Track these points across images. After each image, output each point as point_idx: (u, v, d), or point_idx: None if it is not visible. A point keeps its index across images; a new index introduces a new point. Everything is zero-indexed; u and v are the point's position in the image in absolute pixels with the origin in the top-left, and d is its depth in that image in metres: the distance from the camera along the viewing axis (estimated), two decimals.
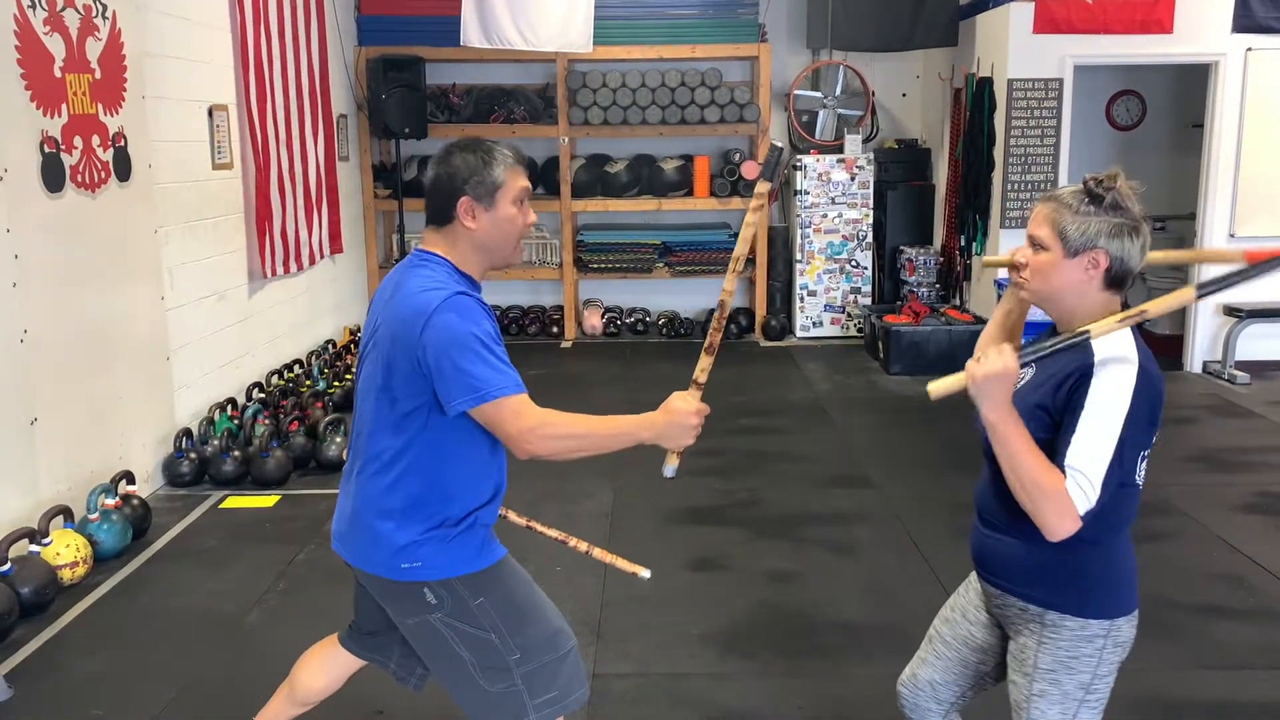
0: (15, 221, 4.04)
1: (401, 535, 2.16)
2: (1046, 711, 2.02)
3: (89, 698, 3.27)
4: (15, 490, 4.11)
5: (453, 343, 2.03)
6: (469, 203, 2.15)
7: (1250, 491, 5.05)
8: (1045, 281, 1.98)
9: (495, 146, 2.21)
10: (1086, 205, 1.94)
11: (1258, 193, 7.26)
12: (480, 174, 2.15)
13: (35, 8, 4.17)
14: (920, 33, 8.23)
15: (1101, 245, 1.93)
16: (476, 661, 2.22)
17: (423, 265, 2.18)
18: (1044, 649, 2.02)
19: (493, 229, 2.18)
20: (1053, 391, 1.94)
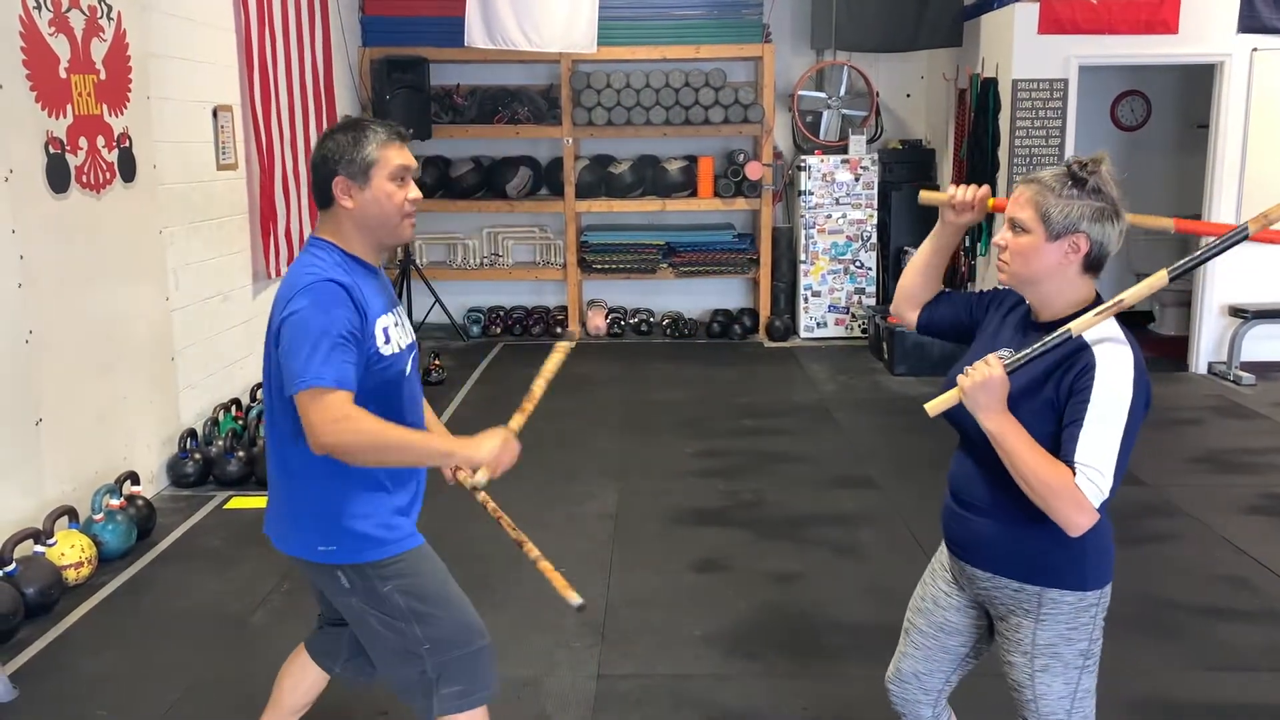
0: (20, 222, 4.04)
1: (311, 520, 2.22)
2: (1051, 685, 2.05)
3: (94, 698, 3.28)
4: (20, 491, 4.12)
5: (295, 331, 2.06)
6: (343, 182, 2.17)
7: (1255, 493, 5.04)
8: (1025, 264, 1.99)
9: (369, 124, 2.21)
10: (1069, 188, 1.95)
11: (1263, 193, 7.23)
12: (350, 153, 2.16)
13: (40, 9, 4.17)
14: (924, 33, 8.23)
15: (1083, 229, 1.94)
16: (393, 647, 2.29)
17: (308, 252, 2.22)
18: (1043, 625, 2.04)
19: (370, 206, 2.18)
20: (1050, 381, 1.95)
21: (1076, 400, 1.90)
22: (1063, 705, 2.06)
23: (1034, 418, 1.94)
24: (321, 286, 2.10)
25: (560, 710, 3.20)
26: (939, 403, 1.98)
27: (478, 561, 4.30)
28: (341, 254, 2.21)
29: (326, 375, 2.03)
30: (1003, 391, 1.91)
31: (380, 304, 2.24)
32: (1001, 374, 1.91)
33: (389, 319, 2.26)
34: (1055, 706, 2.06)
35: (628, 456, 5.65)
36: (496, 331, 8.88)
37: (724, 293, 9.17)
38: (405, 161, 2.21)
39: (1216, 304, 7.39)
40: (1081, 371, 1.91)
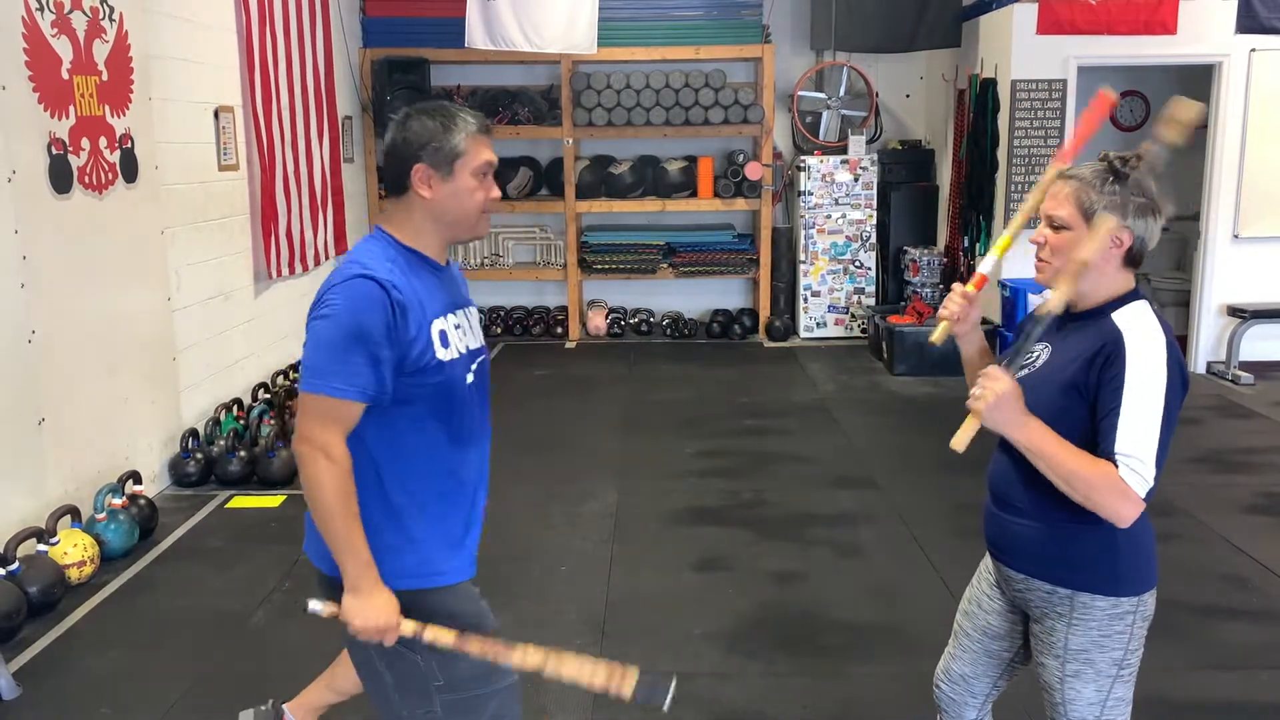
0: (23, 223, 4.06)
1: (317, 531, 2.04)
2: (1081, 691, 2.03)
3: (96, 696, 3.29)
4: (23, 490, 4.13)
5: (321, 326, 1.93)
6: (425, 170, 1.99)
7: (1254, 492, 5.06)
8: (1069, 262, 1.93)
9: (459, 112, 2.02)
10: (1110, 184, 1.92)
11: (1261, 193, 7.26)
12: (439, 140, 1.98)
13: (43, 10, 4.19)
14: (924, 34, 8.24)
15: (1127, 224, 1.91)
16: (394, 683, 2.09)
17: (365, 240, 2.07)
18: (1075, 630, 2.01)
19: (450, 200, 2.01)
20: (1085, 369, 1.91)
21: (1110, 389, 1.87)
22: (1092, 711, 2.04)
23: (1066, 406, 1.92)
24: (358, 284, 1.93)
25: (560, 708, 3.22)
26: (962, 436, 1.88)
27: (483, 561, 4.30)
28: (399, 248, 2.03)
29: (334, 383, 1.90)
30: (1017, 401, 1.88)
31: (439, 304, 2.05)
32: (1009, 384, 1.87)
33: (449, 321, 2.06)
34: (1084, 712, 2.04)
35: (628, 456, 5.67)
36: (497, 332, 8.89)
37: (724, 293, 9.19)
38: (491, 157, 2.05)
39: (1215, 304, 7.40)
40: (1111, 359, 1.88)
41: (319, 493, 1.92)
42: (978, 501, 2.18)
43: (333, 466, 1.91)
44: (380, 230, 2.08)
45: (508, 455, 5.70)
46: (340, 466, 1.92)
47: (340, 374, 1.90)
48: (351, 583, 1.95)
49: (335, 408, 1.92)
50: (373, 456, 2.01)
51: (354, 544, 1.95)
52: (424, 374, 1.99)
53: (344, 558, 1.95)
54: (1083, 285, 1.95)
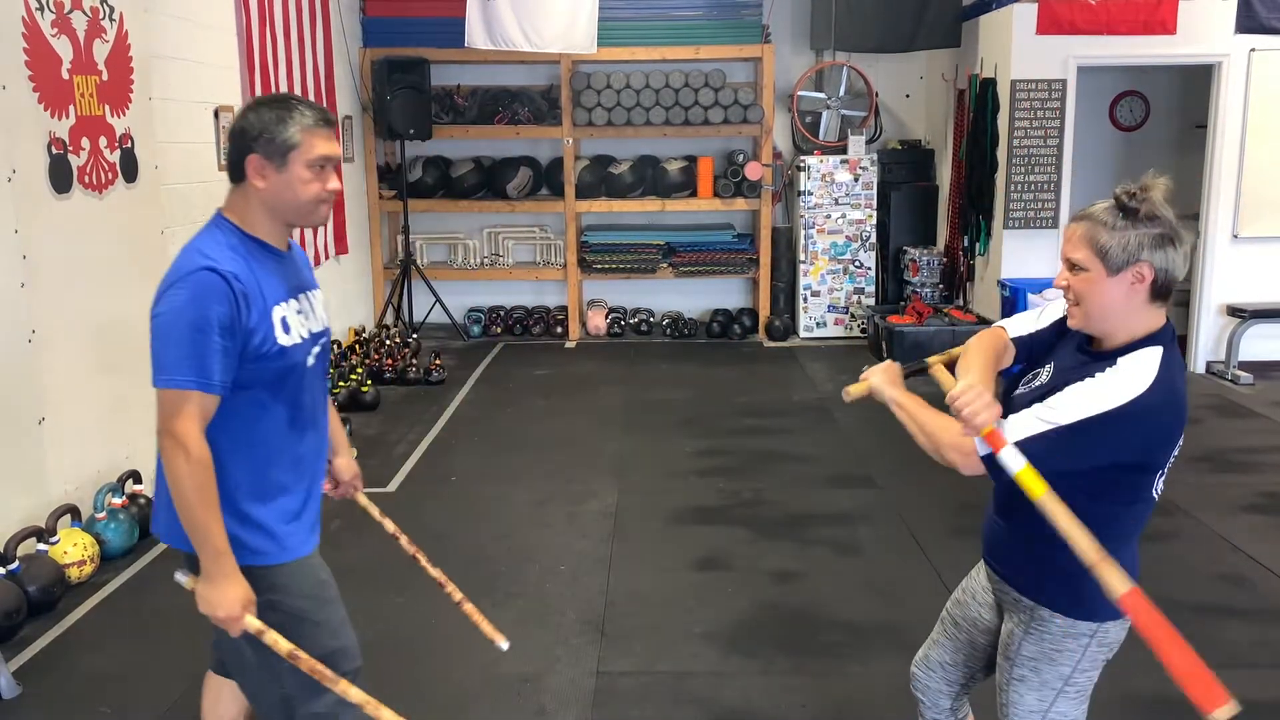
0: (23, 222, 4.06)
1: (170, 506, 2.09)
2: (1025, 696, 2.09)
3: (96, 695, 3.29)
4: (23, 489, 4.14)
5: (167, 320, 1.98)
6: (258, 161, 2.06)
7: (1253, 492, 5.06)
8: (1094, 302, 1.93)
9: (297, 105, 2.08)
10: (1121, 220, 1.89)
11: (1261, 193, 7.26)
12: (272, 132, 2.04)
13: (43, 10, 4.19)
14: (924, 34, 8.25)
15: (1145, 258, 1.88)
16: (255, 659, 2.15)
17: (209, 228, 2.12)
18: (1029, 638, 2.07)
19: (283, 191, 2.08)
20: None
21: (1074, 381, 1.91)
22: (1032, 718, 2.09)
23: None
24: (202, 276, 1.99)
25: (560, 707, 3.22)
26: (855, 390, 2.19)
27: (483, 561, 4.32)
28: (240, 235, 2.10)
29: (188, 376, 1.95)
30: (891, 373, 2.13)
31: (281, 291, 2.12)
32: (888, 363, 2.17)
33: (290, 307, 2.13)
34: (1025, 718, 2.10)
35: (628, 455, 5.67)
36: (497, 331, 8.89)
37: (724, 293, 9.19)
38: (328, 152, 2.09)
39: (1214, 304, 7.41)
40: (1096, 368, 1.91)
41: (177, 486, 1.98)
42: (976, 501, 2.20)
43: (191, 462, 1.97)
44: (222, 217, 2.14)
45: (507, 455, 5.72)
46: (199, 461, 1.98)
47: (193, 367, 1.96)
48: (206, 571, 2.02)
49: (191, 401, 1.97)
50: (213, 439, 2.04)
51: (211, 534, 2.00)
52: (265, 360, 2.06)
53: (200, 547, 2.01)
54: (1110, 327, 1.95)
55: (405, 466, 5.49)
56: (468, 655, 3.53)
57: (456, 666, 3.46)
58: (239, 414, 2.07)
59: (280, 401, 2.12)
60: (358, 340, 7.73)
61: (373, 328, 8.46)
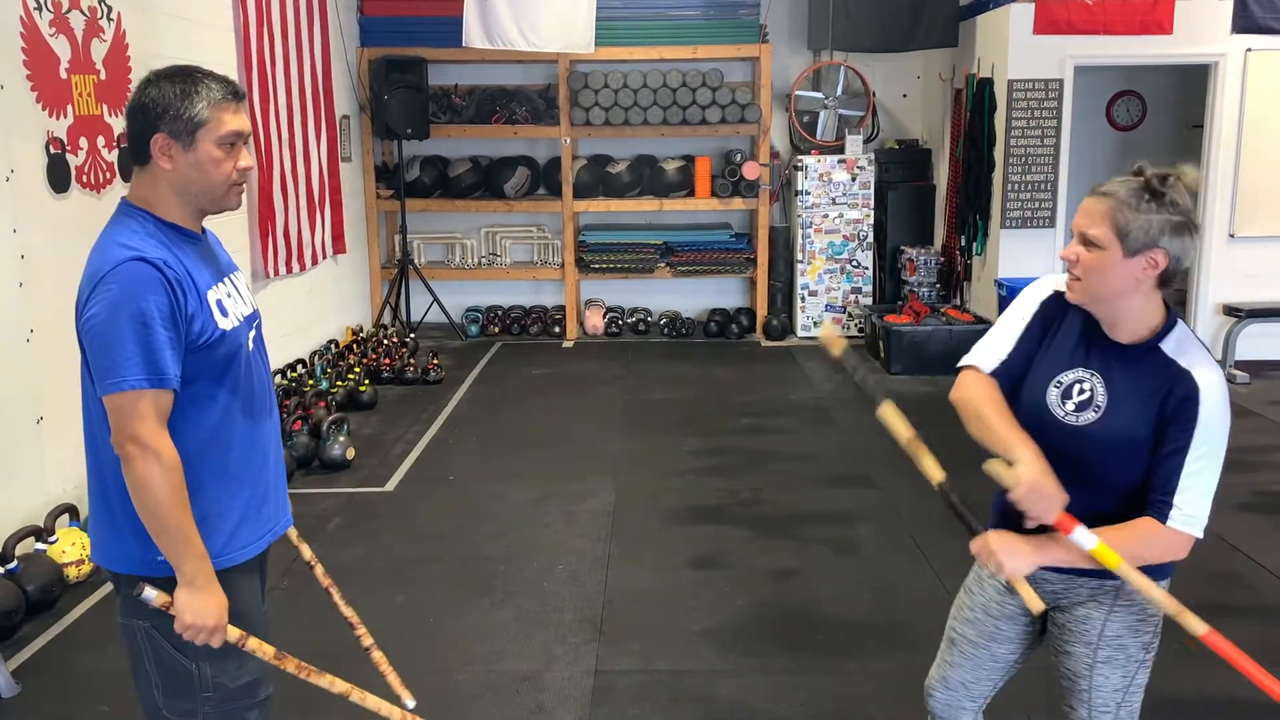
0: (21, 222, 4.06)
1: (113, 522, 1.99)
2: (1110, 677, 2.07)
3: (95, 694, 3.30)
4: (22, 488, 4.14)
5: (102, 320, 1.83)
6: (164, 140, 1.89)
7: (1249, 491, 5.08)
8: (1102, 282, 1.90)
9: (203, 78, 1.92)
10: (1147, 202, 1.86)
11: (1257, 193, 7.28)
12: (177, 107, 1.88)
13: (41, 9, 4.19)
14: (921, 33, 8.25)
15: (1162, 244, 1.86)
16: (162, 685, 2.03)
17: (119, 220, 1.95)
18: (1114, 617, 2.06)
19: (193, 171, 1.92)
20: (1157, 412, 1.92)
21: (1178, 428, 1.88)
22: (1115, 698, 2.08)
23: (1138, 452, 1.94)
24: (131, 268, 1.84)
25: (558, 705, 3.23)
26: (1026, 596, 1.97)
27: (481, 560, 4.33)
28: (157, 223, 1.94)
29: (142, 375, 1.83)
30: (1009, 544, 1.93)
31: (207, 275, 1.99)
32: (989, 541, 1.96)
33: (221, 290, 2.01)
34: (1108, 699, 2.08)
35: (626, 455, 5.68)
36: (494, 331, 8.89)
37: (721, 292, 9.20)
38: (239, 127, 1.94)
39: (1211, 303, 7.42)
40: (1184, 402, 1.88)
41: (150, 493, 1.85)
42: (974, 500, 2.20)
43: (165, 466, 1.85)
44: (130, 205, 1.97)
45: (505, 454, 5.72)
46: (171, 465, 1.86)
47: (142, 365, 1.83)
48: (188, 578, 1.90)
49: (147, 400, 1.84)
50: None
51: (191, 539, 1.90)
52: (208, 348, 1.94)
53: (180, 554, 1.89)
54: (1114, 310, 1.94)
55: (403, 466, 5.49)
56: (467, 654, 3.54)
57: (455, 666, 3.46)
58: (192, 410, 1.96)
59: (228, 391, 2.00)
60: (355, 340, 7.73)
61: (370, 327, 8.46)
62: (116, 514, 1.99)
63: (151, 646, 2.01)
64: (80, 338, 1.91)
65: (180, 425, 1.94)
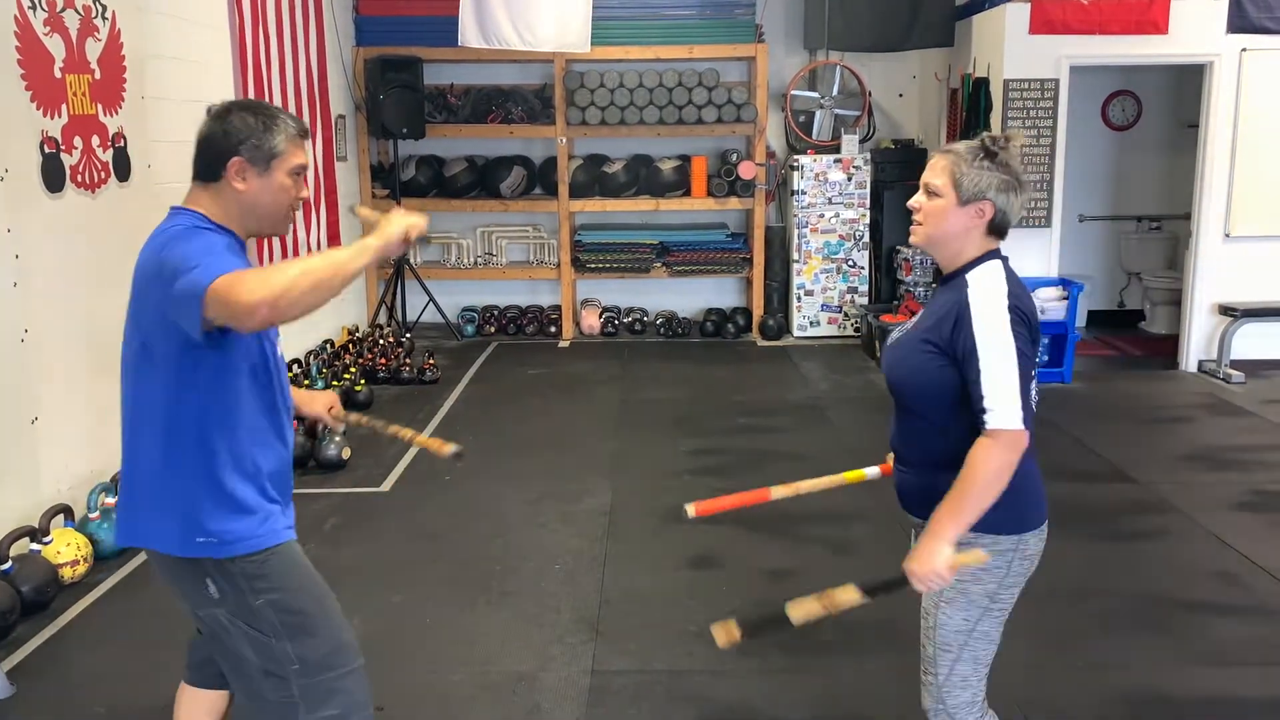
0: (16, 222, 4.05)
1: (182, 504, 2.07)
2: (952, 616, 2.21)
3: (91, 695, 3.29)
4: (16, 489, 4.13)
5: (176, 265, 1.94)
6: (241, 164, 2.09)
7: (1244, 489, 5.08)
8: (937, 225, 2.18)
9: (279, 114, 2.14)
10: (981, 160, 2.13)
11: (1252, 192, 7.29)
12: (259, 138, 2.09)
13: (35, 9, 4.18)
14: (917, 33, 8.26)
15: (990, 197, 2.13)
16: (259, 664, 2.14)
17: (169, 219, 2.12)
18: None
19: (263, 194, 2.12)
20: (937, 325, 2.15)
21: (963, 337, 2.08)
22: (958, 639, 2.20)
23: (924, 357, 2.15)
24: (196, 231, 2.04)
25: (555, 705, 3.22)
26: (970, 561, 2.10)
27: (478, 560, 4.32)
28: (212, 225, 2.11)
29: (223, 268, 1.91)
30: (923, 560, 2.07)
31: None
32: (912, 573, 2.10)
33: None
34: (951, 639, 2.21)
35: (622, 455, 5.67)
36: (491, 331, 8.89)
37: (717, 292, 9.20)
38: (305, 161, 2.18)
39: (1206, 303, 7.43)
40: (960, 319, 2.09)
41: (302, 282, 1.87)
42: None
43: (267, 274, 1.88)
44: (187, 209, 2.12)
45: (502, 454, 5.71)
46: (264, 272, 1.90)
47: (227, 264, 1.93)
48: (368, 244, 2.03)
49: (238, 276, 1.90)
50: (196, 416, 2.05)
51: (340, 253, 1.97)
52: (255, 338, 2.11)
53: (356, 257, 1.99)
54: (948, 250, 2.20)
55: (399, 466, 5.49)
56: (464, 654, 3.53)
57: (453, 665, 3.46)
58: (223, 392, 2.07)
59: (259, 380, 2.13)
60: (351, 340, 7.72)
61: (366, 327, 8.45)
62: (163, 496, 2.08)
63: (238, 630, 2.12)
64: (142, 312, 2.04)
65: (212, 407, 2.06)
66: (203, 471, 2.07)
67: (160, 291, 1.97)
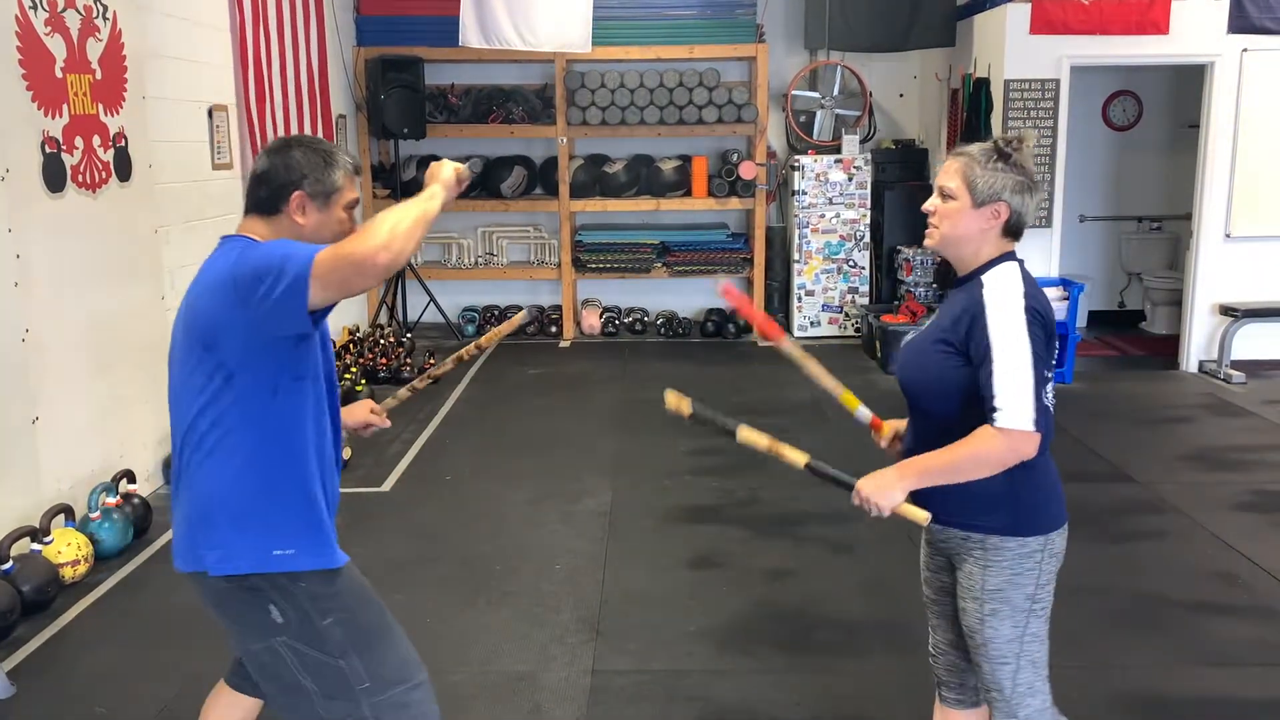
0: (17, 222, 4.05)
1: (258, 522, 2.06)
2: (999, 629, 2.18)
3: (91, 695, 3.29)
4: (17, 489, 4.13)
5: (258, 270, 1.95)
6: (303, 199, 2.13)
7: (1245, 490, 5.08)
8: (952, 227, 2.17)
9: (338, 151, 2.20)
10: (995, 162, 2.14)
11: (1253, 192, 7.29)
12: (320, 174, 2.14)
13: (36, 8, 4.18)
14: (917, 33, 8.26)
15: (1005, 198, 2.13)
16: (320, 690, 2.10)
17: (223, 246, 2.11)
18: (990, 571, 2.17)
19: (322, 229, 2.15)
20: (953, 326, 2.15)
21: (977, 345, 2.08)
22: (1011, 649, 2.18)
23: (941, 359, 2.15)
24: (253, 245, 2.05)
25: (555, 705, 3.23)
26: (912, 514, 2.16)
27: (478, 560, 4.32)
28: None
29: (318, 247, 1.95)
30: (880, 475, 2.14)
31: None
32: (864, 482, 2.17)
33: None
34: (1004, 650, 2.18)
35: (622, 455, 5.67)
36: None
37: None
38: (358, 196, 2.25)
39: (1207, 303, 7.43)
40: (975, 317, 2.09)
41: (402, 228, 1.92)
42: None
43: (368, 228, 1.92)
44: (241, 236, 2.13)
45: (502, 454, 5.72)
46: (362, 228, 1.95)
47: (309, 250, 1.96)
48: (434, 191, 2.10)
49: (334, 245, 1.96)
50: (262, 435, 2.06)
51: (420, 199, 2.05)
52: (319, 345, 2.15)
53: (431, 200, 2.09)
54: (963, 252, 2.19)
55: (400, 466, 5.49)
56: (463, 655, 3.53)
57: (452, 666, 3.46)
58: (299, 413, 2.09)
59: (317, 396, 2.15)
60: (352, 339, 7.72)
61: (367, 327, 8.45)
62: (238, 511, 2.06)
63: (297, 658, 2.09)
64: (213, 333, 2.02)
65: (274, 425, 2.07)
66: (283, 486, 2.08)
67: (245, 304, 1.96)
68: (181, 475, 2.13)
